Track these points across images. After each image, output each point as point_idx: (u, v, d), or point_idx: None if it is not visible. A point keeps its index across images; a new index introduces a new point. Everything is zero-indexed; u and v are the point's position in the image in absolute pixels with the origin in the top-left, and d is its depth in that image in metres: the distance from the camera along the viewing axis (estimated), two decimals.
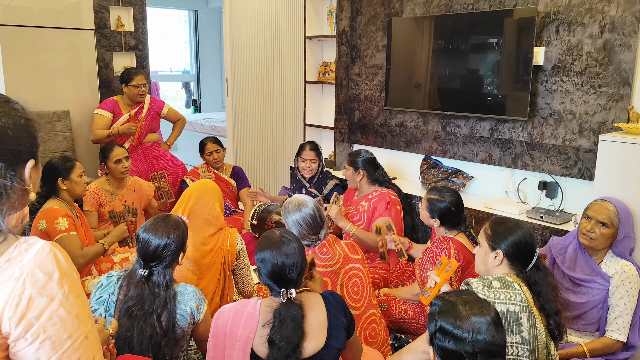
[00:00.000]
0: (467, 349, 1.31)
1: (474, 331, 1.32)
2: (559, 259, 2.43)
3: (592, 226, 2.27)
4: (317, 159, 3.69)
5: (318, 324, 1.70)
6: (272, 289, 1.72)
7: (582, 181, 3.14)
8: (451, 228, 2.58)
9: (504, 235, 1.88)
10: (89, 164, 4.18)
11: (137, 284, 1.88)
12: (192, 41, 9.09)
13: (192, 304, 1.93)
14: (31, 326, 0.92)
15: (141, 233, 1.91)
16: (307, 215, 2.23)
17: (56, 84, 4.14)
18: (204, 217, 2.46)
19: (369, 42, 4.22)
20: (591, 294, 2.28)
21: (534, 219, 3.08)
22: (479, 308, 1.37)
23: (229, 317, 1.73)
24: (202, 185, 2.54)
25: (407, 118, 4.06)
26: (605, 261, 2.30)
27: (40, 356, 0.93)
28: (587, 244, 2.30)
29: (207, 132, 6.96)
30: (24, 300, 0.91)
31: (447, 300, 1.42)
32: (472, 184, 3.73)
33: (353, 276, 2.29)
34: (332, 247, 2.28)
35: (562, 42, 3.11)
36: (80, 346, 0.98)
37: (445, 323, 1.35)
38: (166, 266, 1.92)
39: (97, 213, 3.32)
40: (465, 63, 3.58)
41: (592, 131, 3.05)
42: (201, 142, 4.05)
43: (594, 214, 2.28)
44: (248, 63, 5.05)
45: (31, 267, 0.92)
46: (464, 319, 1.34)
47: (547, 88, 3.21)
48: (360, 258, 2.36)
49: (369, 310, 2.32)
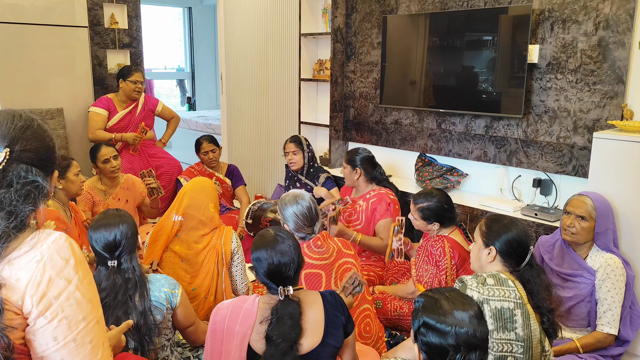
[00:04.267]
0: (451, 342, 1.33)
1: (457, 325, 1.35)
2: (546, 256, 2.48)
3: (571, 221, 2.33)
4: (298, 150, 3.74)
5: (315, 321, 1.71)
6: (270, 287, 1.72)
7: (576, 178, 3.16)
8: (448, 225, 2.60)
9: (498, 233, 1.89)
10: (83, 162, 4.15)
11: (108, 276, 1.89)
12: (186, 38, 9.06)
13: (165, 289, 1.96)
14: (50, 305, 1.01)
15: (92, 233, 1.93)
16: (303, 207, 2.28)
17: (49, 82, 4.12)
18: (198, 218, 2.45)
19: (364, 40, 4.22)
20: (578, 288, 2.32)
21: (529, 216, 3.09)
22: (462, 303, 1.40)
23: (227, 313, 1.74)
24: (197, 185, 2.52)
25: (402, 115, 4.06)
26: (591, 255, 2.35)
27: (57, 335, 1.02)
28: (570, 239, 2.36)
29: (202, 130, 6.94)
30: (44, 280, 1.00)
31: (430, 296, 1.44)
32: (467, 181, 3.74)
33: (347, 270, 2.32)
34: (325, 241, 2.31)
35: (557, 40, 3.12)
36: (93, 329, 1.07)
37: (428, 318, 1.38)
38: (130, 252, 1.93)
39: (91, 213, 3.31)
40: (460, 60, 3.59)
41: (587, 128, 3.07)
42: (197, 141, 4.04)
43: (572, 209, 2.35)
44: (243, 60, 5.04)
45: (50, 252, 1.02)
46: (447, 313, 1.37)
47: (541, 85, 3.22)
48: (353, 254, 2.40)
49: (362, 304, 2.33)
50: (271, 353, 1.62)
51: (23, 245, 1.02)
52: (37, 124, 1.10)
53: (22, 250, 1.02)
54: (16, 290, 0.99)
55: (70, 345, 1.03)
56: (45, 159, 1.09)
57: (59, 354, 1.03)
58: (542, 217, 3.04)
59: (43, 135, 1.10)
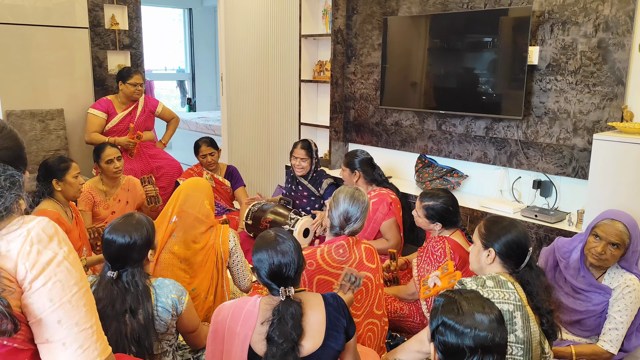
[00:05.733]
0: (468, 343, 1.33)
1: (476, 327, 1.34)
2: (562, 262, 2.39)
3: (603, 248, 2.18)
4: (307, 157, 3.70)
5: (316, 323, 1.71)
6: (272, 288, 1.73)
7: (576, 180, 3.16)
8: (451, 227, 2.60)
9: (498, 234, 1.89)
10: (83, 163, 4.17)
11: (105, 286, 1.86)
12: (186, 40, 9.06)
13: (172, 296, 1.94)
14: (44, 269, 1.08)
15: (106, 234, 1.90)
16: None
17: (49, 83, 4.13)
18: (194, 215, 2.46)
19: (365, 41, 4.22)
20: (591, 303, 2.27)
21: (529, 218, 3.10)
22: (482, 306, 1.39)
23: (229, 313, 1.74)
24: (192, 183, 2.55)
25: (403, 117, 4.06)
26: (609, 273, 2.26)
27: (53, 296, 1.08)
28: (597, 264, 2.24)
29: (202, 131, 6.95)
30: (33, 251, 1.08)
31: (450, 297, 1.44)
32: (467, 182, 3.75)
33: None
34: (350, 249, 2.26)
35: (557, 41, 3.12)
36: (85, 295, 1.13)
37: (447, 318, 1.37)
38: (134, 265, 1.89)
39: (91, 213, 3.31)
40: (460, 62, 3.59)
41: (587, 130, 3.07)
42: (196, 143, 4.04)
43: (604, 235, 2.18)
44: (243, 62, 5.05)
45: (36, 230, 1.10)
46: (467, 314, 1.36)
47: (541, 87, 3.23)
48: (374, 267, 2.31)
49: (369, 318, 2.29)
50: (272, 353, 1.62)
51: (11, 225, 1.10)
52: (9, 127, 1.19)
53: (11, 228, 1.10)
54: (9, 259, 1.06)
55: (66, 306, 1.09)
56: (18, 158, 1.17)
57: (55, 315, 1.08)
58: (542, 219, 3.05)
59: (16, 136, 1.18)
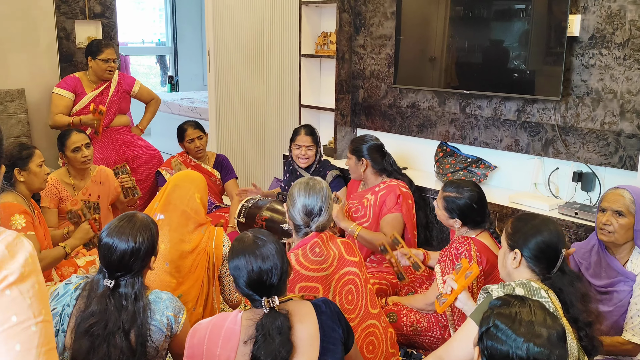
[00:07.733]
0: (521, 354, 1.35)
1: (532, 339, 1.36)
2: (583, 265, 2.46)
3: (607, 218, 2.31)
4: (313, 145, 3.70)
5: (308, 336, 1.71)
6: (253, 300, 1.73)
7: (623, 171, 3.16)
8: (474, 227, 2.60)
9: (525, 234, 1.90)
10: (48, 152, 4.18)
11: (100, 298, 1.84)
12: (167, 8, 9.06)
13: (169, 313, 1.93)
14: None
15: (104, 237, 1.88)
16: None
17: (8, 58, 4.13)
18: (181, 208, 2.47)
19: (376, 9, 4.22)
20: (618, 299, 2.32)
21: (568, 216, 3.10)
22: (544, 318, 1.41)
23: (206, 333, 1.73)
24: (184, 173, 2.60)
25: (420, 98, 4.06)
26: (632, 259, 2.34)
27: None
28: (607, 240, 2.34)
29: (186, 114, 6.96)
30: None
31: (509, 301, 1.46)
32: (496, 174, 3.75)
33: (348, 282, 2.29)
34: (326, 246, 2.28)
35: (602, 9, 3.11)
36: (27, 336, 1.06)
37: (501, 322, 1.40)
38: (135, 274, 1.89)
39: (57, 210, 3.33)
40: (487, 33, 3.58)
41: (636, 113, 3.06)
42: (180, 128, 4.05)
43: (608, 204, 2.33)
44: (233, 33, 5.04)
45: None
46: (525, 323, 1.38)
47: (583, 62, 3.22)
48: (357, 261, 2.36)
49: (366, 321, 2.32)
50: None
51: None
52: None
53: None
54: None
55: None
56: None
57: None
58: (583, 217, 3.05)
59: None
